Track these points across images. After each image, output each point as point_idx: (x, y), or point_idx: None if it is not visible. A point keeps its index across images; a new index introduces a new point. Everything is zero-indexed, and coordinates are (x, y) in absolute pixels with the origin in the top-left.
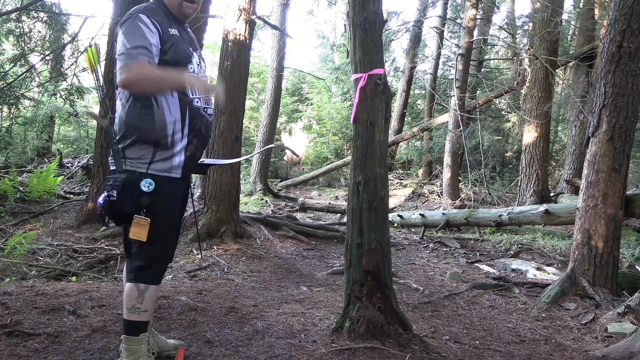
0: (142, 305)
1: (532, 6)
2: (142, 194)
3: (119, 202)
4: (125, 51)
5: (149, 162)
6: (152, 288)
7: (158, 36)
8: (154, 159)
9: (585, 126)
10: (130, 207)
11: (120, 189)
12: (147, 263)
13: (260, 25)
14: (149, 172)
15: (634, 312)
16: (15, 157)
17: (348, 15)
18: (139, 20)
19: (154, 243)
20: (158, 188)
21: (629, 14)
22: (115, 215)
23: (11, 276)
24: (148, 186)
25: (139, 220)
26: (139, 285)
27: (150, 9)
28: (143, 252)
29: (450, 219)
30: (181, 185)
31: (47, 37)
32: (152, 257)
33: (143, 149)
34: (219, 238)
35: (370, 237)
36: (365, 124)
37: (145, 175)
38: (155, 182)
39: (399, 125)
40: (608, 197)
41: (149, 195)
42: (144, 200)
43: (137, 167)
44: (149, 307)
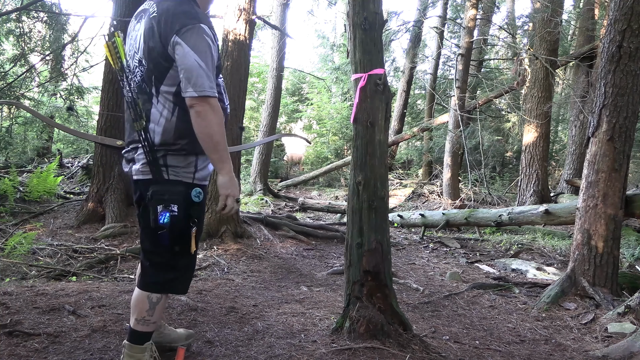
0: (152, 317)
1: (532, 6)
2: (193, 204)
3: (181, 218)
4: (205, 75)
5: (194, 172)
6: (164, 299)
7: (216, 48)
8: (198, 167)
9: (585, 126)
10: (187, 220)
11: (182, 203)
12: (180, 274)
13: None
14: (195, 182)
15: (634, 312)
16: (15, 157)
17: (348, 15)
18: (205, 34)
19: (192, 254)
20: (201, 197)
21: (629, 14)
22: (178, 232)
23: (11, 276)
24: (198, 196)
25: (194, 232)
26: (152, 298)
27: (204, 16)
28: (180, 262)
29: (450, 219)
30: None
31: (47, 37)
32: (187, 266)
33: (188, 157)
34: (219, 238)
35: (370, 237)
36: (365, 124)
37: (192, 186)
38: (199, 191)
39: (399, 125)
40: (608, 197)
41: (198, 205)
42: (195, 211)
43: (183, 177)
44: (157, 318)
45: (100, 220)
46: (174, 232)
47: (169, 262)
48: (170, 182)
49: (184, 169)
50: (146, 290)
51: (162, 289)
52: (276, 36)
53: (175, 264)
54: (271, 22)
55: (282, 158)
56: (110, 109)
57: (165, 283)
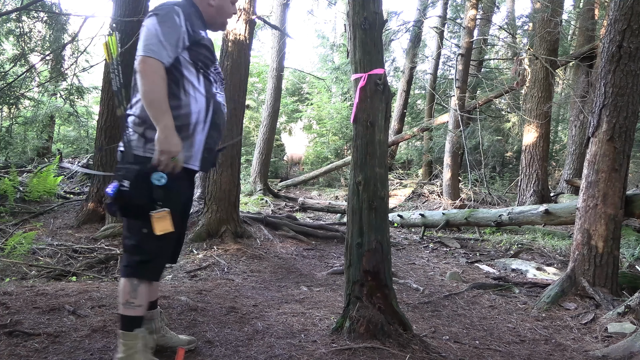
0: (135, 300)
1: (532, 6)
2: (157, 187)
3: (129, 194)
4: (154, 40)
5: (144, 142)
6: (146, 283)
7: (187, 33)
8: (147, 137)
9: (585, 126)
10: (142, 199)
11: (133, 181)
12: (147, 257)
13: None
14: (147, 153)
15: (634, 312)
16: (15, 157)
17: (348, 15)
18: (175, 12)
19: (160, 238)
20: (171, 180)
21: (629, 14)
22: (125, 207)
23: (11, 276)
24: (159, 179)
25: (159, 214)
26: (133, 280)
27: (184, 5)
28: (146, 245)
29: (450, 219)
30: (190, 178)
31: (47, 37)
32: (154, 252)
33: (140, 127)
34: (219, 238)
35: (370, 237)
36: (365, 124)
37: (149, 165)
38: (171, 174)
39: (399, 125)
40: (608, 197)
41: (163, 188)
42: (158, 193)
43: (136, 149)
44: (143, 302)
45: (100, 220)
46: (122, 206)
47: (137, 245)
48: (131, 161)
49: (136, 141)
50: (121, 275)
51: (132, 272)
52: (276, 36)
53: (143, 248)
54: (271, 22)
55: (282, 158)
56: (110, 108)
57: (135, 266)
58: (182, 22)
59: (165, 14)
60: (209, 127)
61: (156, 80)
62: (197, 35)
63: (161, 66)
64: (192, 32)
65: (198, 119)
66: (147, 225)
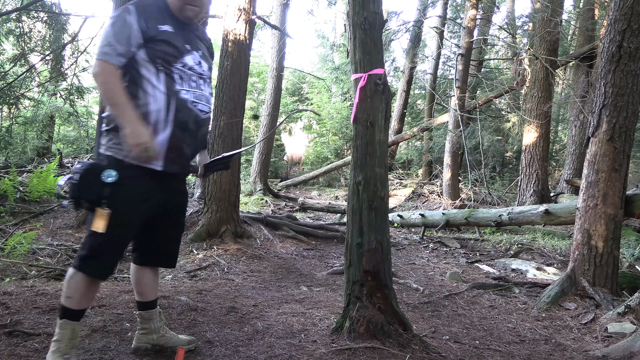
0: (67, 290)
1: (532, 6)
2: (104, 184)
3: (77, 188)
4: (105, 43)
5: (107, 140)
6: (81, 278)
7: (141, 30)
8: (111, 138)
9: (585, 126)
10: (90, 194)
11: (82, 175)
12: (87, 253)
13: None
14: (126, 159)
15: (634, 312)
16: (15, 157)
17: (348, 15)
18: (126, 11)
19: (101, 235)
20: (125, 179)
21: (629, 14)
22: (74, 200)
23: (11, 276)
24: (107, 177)
25: (99, 212)
26: (71, 270)
27: (142, 3)
28: (88, 240)
29: (450, 219)
30: (155, 180)
31: (47, 37)
32: (94, 249)
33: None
34: (219, 238)
35: (370, 237)
36: (365, 124)
37: (121, 163)
38: (128, 172)
39: (399, 125)
40: (608, 197)
41: (111, 186)
42: (105, 190)
43: (115, 152)
44: (74, 294)
45: None
46: (72, 198)
47: (86, 240)
48: (99, 157)
49: (117, 145)
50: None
51: (77, 265)
52: (276, 36)
53: (85, 242)
54: (271, 22)
55: (282, 158)
56: None
57: (80, 260)
58: (133, 20)
59: (117, 16)
60: (173, 126)
61: (110, 81)
62: (151, 31)
63: (113, 67)
64: (145, 29)
65: (158, 118)
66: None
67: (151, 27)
